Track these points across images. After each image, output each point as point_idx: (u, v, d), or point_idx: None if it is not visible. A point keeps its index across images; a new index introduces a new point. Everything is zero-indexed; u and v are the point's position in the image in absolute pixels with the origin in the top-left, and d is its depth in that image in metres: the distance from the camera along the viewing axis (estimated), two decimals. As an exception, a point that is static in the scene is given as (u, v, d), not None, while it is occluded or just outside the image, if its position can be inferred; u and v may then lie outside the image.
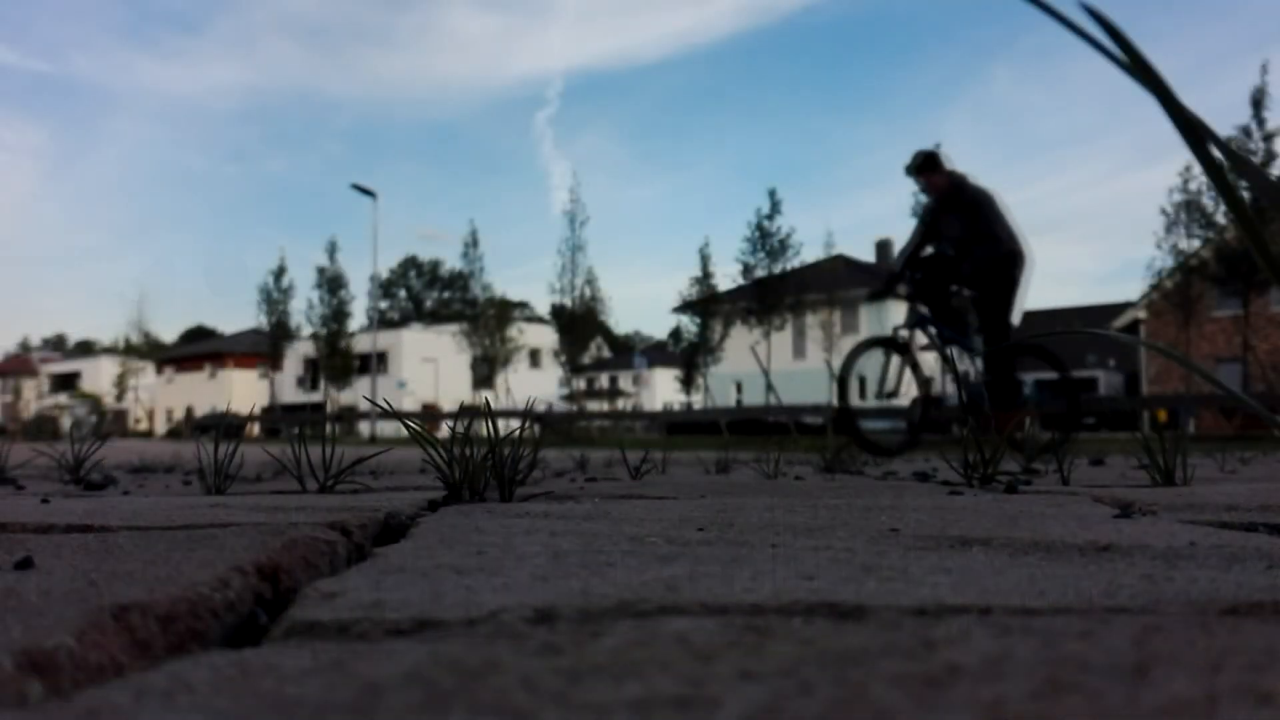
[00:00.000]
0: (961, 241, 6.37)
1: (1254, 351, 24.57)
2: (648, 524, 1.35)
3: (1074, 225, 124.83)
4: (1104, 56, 0.66)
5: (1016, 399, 6.18)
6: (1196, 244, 25.81)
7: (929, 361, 6.80)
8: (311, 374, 52.23)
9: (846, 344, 42.01)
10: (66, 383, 68.57)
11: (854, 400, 6.31)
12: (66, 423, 48.73)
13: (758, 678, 0.48)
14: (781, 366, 40.12)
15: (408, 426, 2.13)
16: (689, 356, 35.96)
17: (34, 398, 68.11)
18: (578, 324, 36.25)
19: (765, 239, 33.20)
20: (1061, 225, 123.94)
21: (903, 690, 0.45)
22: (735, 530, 1.26)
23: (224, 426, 2.53)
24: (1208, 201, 25.44)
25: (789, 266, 33.37)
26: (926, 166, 6.61)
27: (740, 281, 33.98)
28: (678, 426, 23.72)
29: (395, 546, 1.07)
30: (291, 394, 54.74)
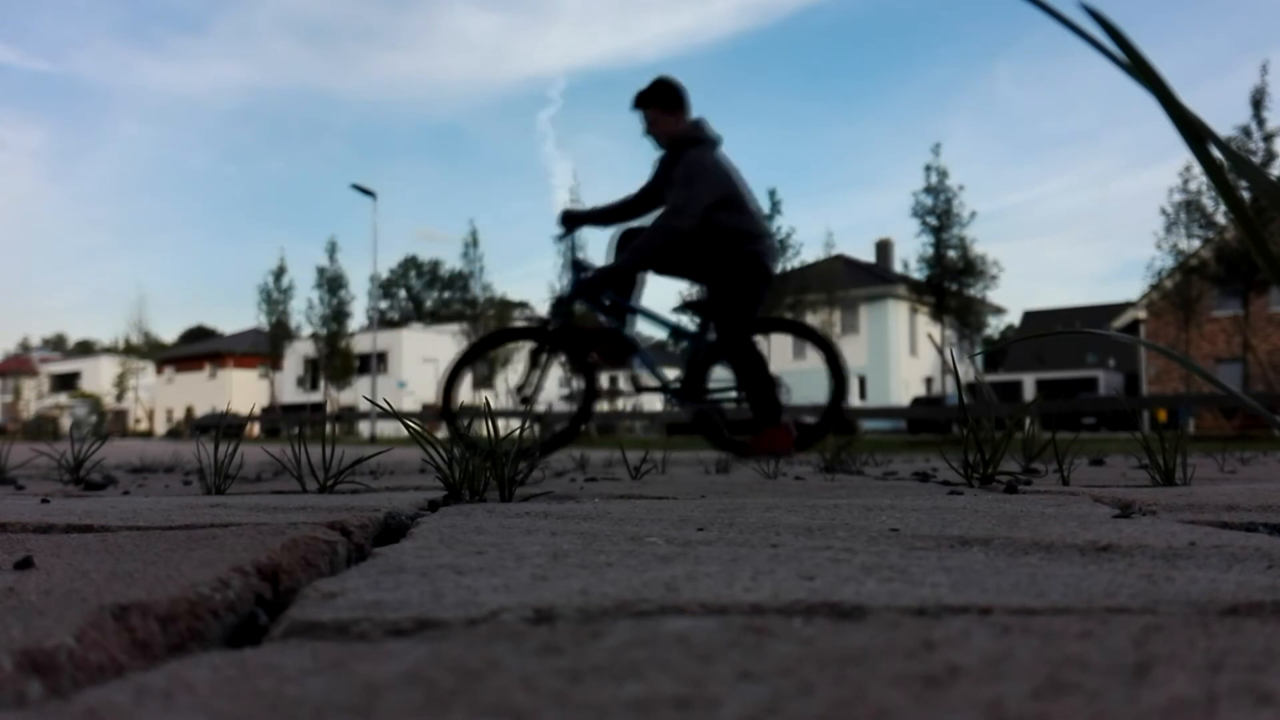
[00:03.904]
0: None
1: (1254, 351, 24.55)
2: (648, 524, 1.35)
3: (1074, 225, 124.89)
4: (1104, 56, 0.66)
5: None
6: (1196, 244, 25.81)
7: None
8: (311, 374, 52.26)
9: (847, 344, 42.16)
10: (66, 383, 68.61)
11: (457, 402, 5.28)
12: (66, 423, 48.76)
13: (758, 678, 0.48)
14: (781, 366, 40.12)
15: (408, 426, 2.13)
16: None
17: (34, 398, 68.16)
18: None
19: (765, 239, 33.14)
20: (1062, 225, 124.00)
21: (903, 690, 0.45)
22: (735, 530, 1.26)
23: (224, 426, 2.53)
24: (1208, 201, 25.43)
25: (789, 266, 33.37)
26: (652, 99, 5.24)
27: (740, 281, 33.91)
28: (678, 426, 23.72)
29: (395, 546, 1.07)
30: (291, 394, 54.75)
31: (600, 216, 5.51)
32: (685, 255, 5.24)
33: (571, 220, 5.49)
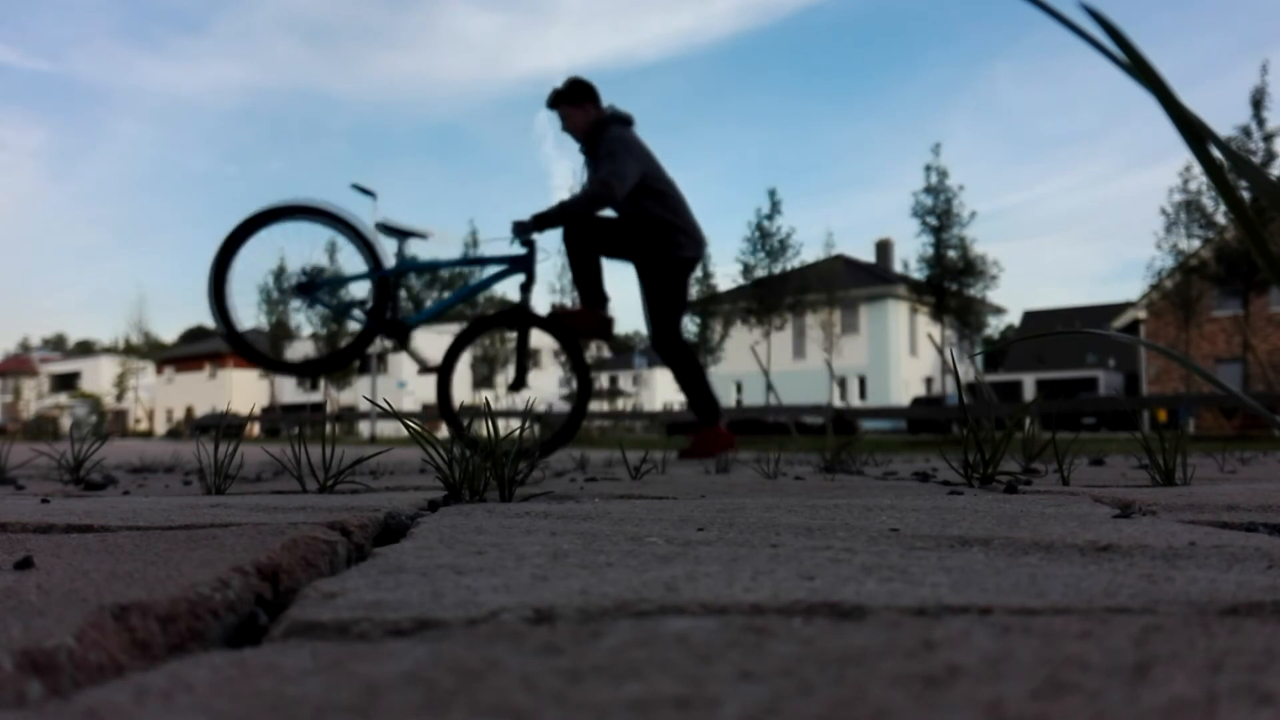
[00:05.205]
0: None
1: (1254, 351, 24.54)
2: (648, 524, 1.35)
3: (1074, 225, 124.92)
4: (1104, 56, 0.66)
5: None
6: (1196, 244, 25.81)
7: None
8: (311, 374, 52.19)
9: (847, 344, 42.16)
10: (66, 383, 68.62)
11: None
12: (66, 423, 48.78)
13: (758, 678, 0.48)
14: (781, 366, 40.12)
15: (408, 426, 2.13)
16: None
17: (34, 398, 68.17)
18: (578, 324, 36.26)
19: (765, 239, 33.22)
20: (1062, 225, 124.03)
21: (903, 690, 0.45)
22: (735, 530, 1.26)
23: (224, 426, 2.53)
24: (1208, 201, 25.43)
25: (789, 266, 33.37)
26: (560, 97, 5.45)
27: (740, 281, 33.98)
28: (678, 426, 23.70)
29: (395, 546, 1.07)
30: (291, 394, 54.76)
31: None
32: (618, 239, 5.33)
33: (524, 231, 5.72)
